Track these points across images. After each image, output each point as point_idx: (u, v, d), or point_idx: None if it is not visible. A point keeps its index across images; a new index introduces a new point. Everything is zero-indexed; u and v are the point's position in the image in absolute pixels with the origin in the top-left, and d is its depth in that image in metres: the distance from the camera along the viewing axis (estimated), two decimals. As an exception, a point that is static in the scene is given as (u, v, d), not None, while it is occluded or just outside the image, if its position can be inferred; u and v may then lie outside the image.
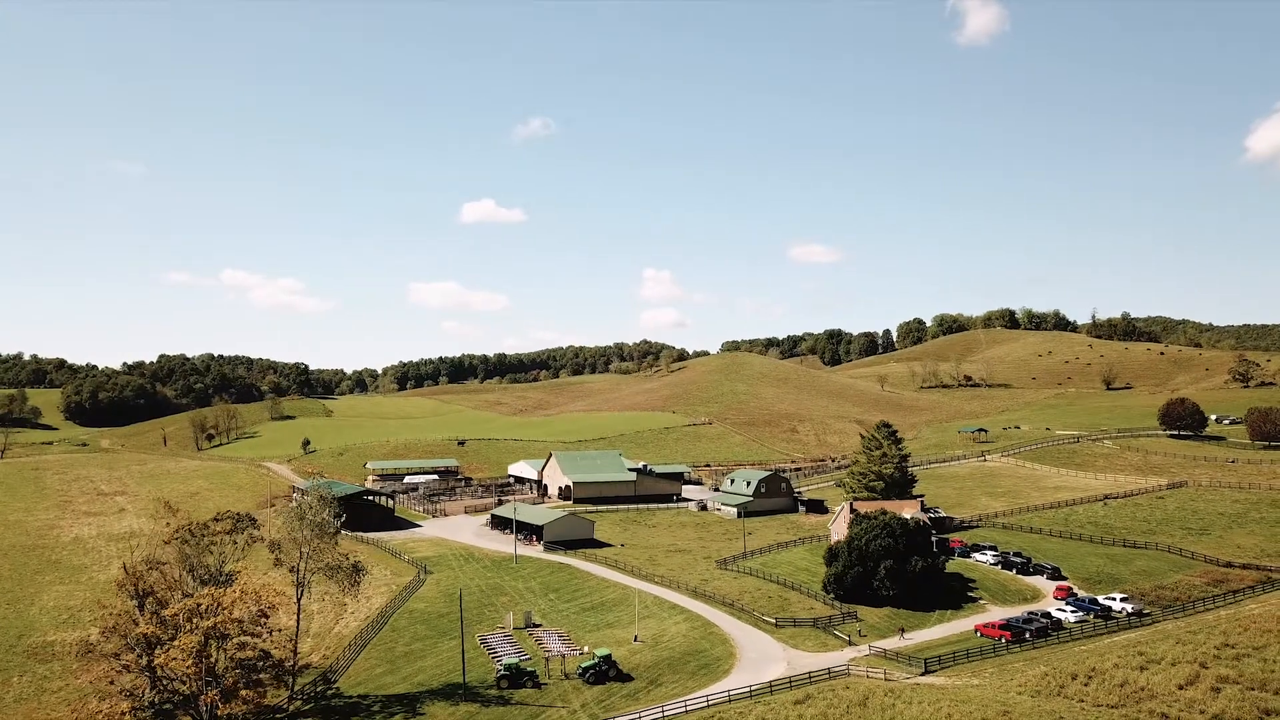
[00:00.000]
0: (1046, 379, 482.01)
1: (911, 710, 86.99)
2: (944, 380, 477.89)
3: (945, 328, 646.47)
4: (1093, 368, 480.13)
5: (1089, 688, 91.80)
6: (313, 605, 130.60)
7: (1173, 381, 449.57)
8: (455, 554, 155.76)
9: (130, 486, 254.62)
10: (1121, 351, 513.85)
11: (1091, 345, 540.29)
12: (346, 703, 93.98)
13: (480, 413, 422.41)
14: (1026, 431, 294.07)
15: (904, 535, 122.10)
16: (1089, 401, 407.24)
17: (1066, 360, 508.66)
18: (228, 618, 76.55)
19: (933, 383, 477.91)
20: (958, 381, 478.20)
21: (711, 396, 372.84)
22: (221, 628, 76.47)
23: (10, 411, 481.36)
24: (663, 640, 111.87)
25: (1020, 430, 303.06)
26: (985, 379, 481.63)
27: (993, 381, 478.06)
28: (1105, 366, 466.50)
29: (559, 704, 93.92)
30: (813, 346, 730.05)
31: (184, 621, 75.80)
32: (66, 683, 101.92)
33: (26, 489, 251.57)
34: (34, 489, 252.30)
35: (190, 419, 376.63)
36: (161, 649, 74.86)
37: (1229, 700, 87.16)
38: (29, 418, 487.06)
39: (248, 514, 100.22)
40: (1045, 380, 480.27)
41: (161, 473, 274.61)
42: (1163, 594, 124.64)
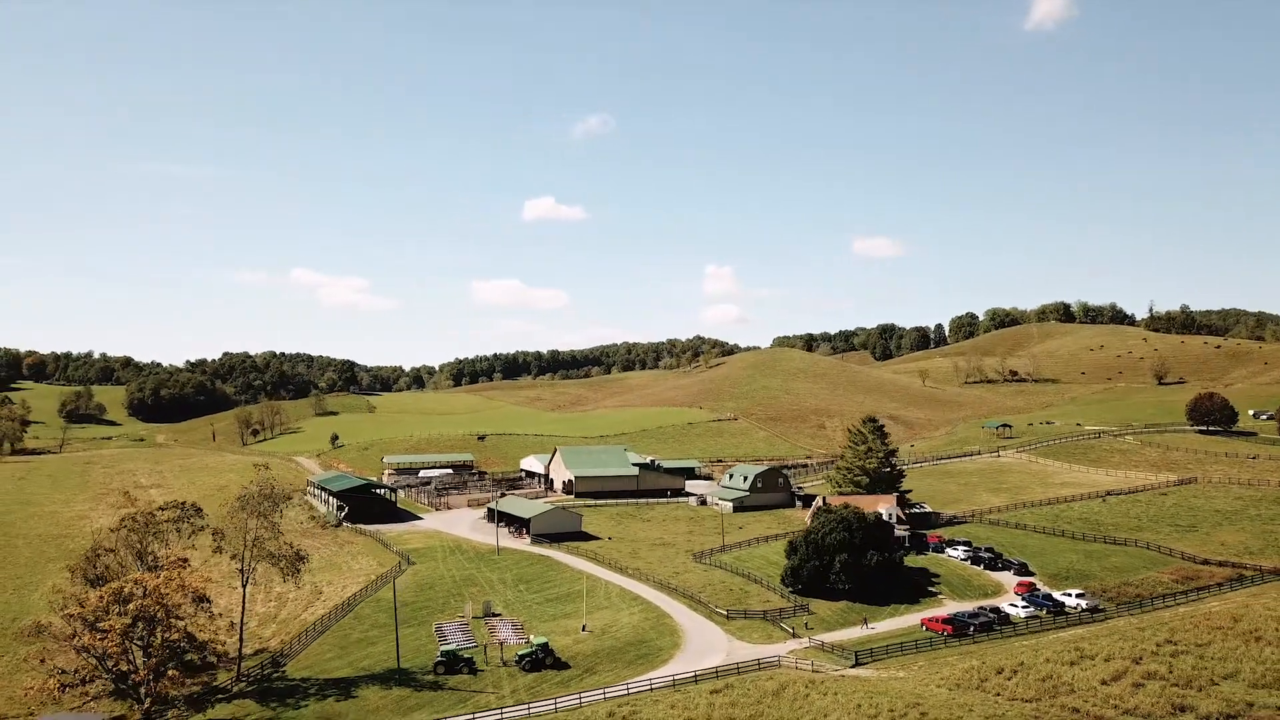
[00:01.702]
0: (1096, 374, 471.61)
1: (824, 701, 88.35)
2: (988, 375, 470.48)
3: (997, 322, 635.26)
4: (1145, 362, 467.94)
5: (1011, 682, 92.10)
6: (290, 592, 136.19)
7: (1228, 376, 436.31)
8: (444, 546, 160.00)
9: (168, 480, 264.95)
10: (1177, 345, 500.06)
11: (1146, 339, 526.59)
12: (288, 685, 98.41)
13: (520, 408, 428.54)
14: (1056, 427, 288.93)
15: (861, 530, 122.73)
16: (1137, 397, 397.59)
17: (1118, 354, 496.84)
18: (154, 601, 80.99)
19: (977, 378, 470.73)
20: (1002, 376, 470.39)
21: (743, 392, 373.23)
22: (149, 611, 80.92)
23: (77, 407, 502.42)
24: (611, 630, 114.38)
25: (1052, 426, 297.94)
26: (1031, 374, 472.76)
27: (1039, 376, 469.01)
28: (1158, 361, 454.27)
29: (490, 689, 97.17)
30: (865, 341, 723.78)
31: (111, 604, 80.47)
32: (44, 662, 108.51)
33: (72, 481, 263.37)
34: (79, 481, 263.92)
35: (236, 415, 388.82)
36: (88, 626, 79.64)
37: (1148, 695, 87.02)
38: (94, 413, 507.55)
39: (193, 504, 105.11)
40: (1095, 375, 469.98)
41: (200, 467, 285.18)
42: (1126, 590, 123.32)
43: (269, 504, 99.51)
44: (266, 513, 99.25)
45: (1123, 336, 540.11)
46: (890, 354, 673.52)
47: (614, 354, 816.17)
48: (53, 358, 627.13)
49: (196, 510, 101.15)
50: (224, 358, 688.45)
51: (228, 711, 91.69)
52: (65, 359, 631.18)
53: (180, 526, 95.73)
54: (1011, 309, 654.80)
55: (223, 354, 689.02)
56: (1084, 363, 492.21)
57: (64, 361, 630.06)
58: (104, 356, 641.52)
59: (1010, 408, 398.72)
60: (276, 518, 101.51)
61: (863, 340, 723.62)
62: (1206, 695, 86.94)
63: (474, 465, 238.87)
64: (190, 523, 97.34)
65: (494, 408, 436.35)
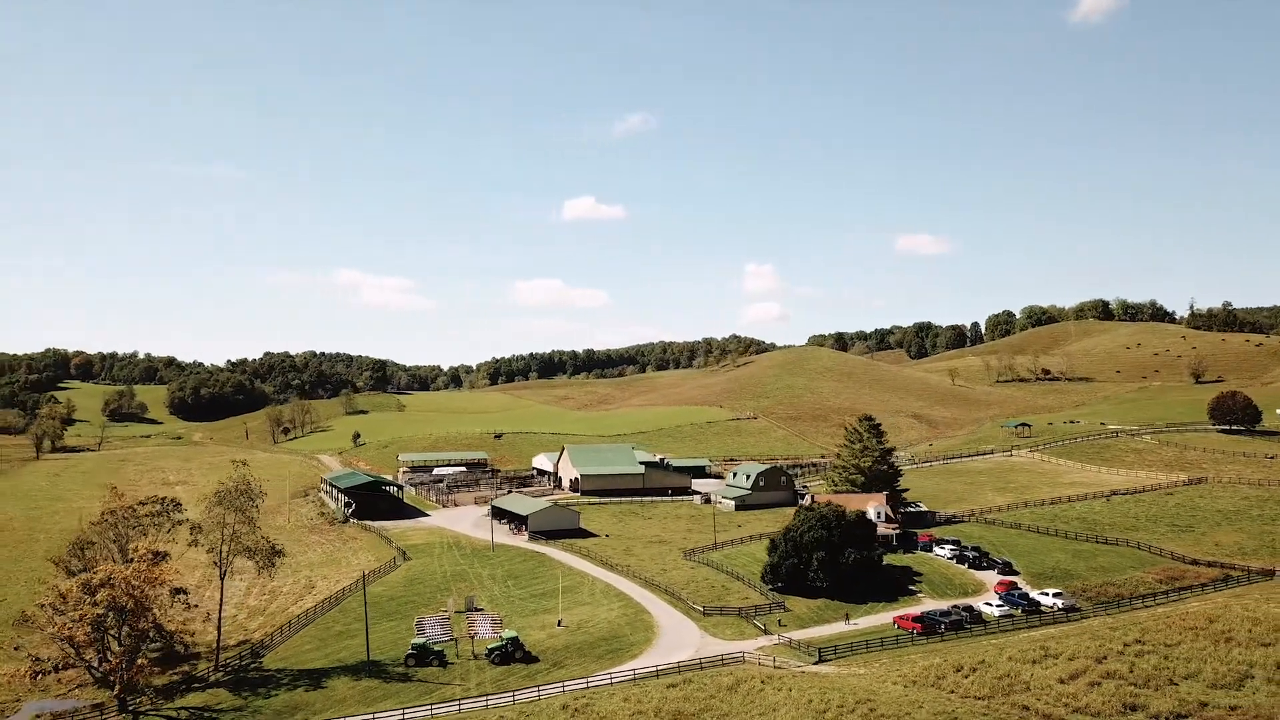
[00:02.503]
0: (1132, 372, 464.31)
1: (777, 696, 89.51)
2: (1020, 374, 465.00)
3: (1034, 320, 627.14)
4: (1182, 360, 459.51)
5: (967, 679, 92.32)
6: (283, 586, 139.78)
7: (1269, 374, 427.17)
8: (443, 542, 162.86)
9: (194, 477, 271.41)
10: (1217, 343, 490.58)
11: (1185, 337, 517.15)
12: (263, 675, 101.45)
13: (548, 407, 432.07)
14: (1079, 426, 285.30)
15: (839, 528, 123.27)
16: (1172, 396, 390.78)
17: (1156, 353, 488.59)
18: (124, 592, 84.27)
19: (1009, 376, 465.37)
20: (1035, 375, 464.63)
21: (767, 391, 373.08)
22: (119, 601, 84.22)
23: (119, 406, 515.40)
24: (587, 625, 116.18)
25: (1075, 425, 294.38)
26: (1065, 372, 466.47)
27: (1072, 375, 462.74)
28: (1195, 359, 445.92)
29: (457, 681, 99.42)
30: (901, 340, 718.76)
31: (82, 594, 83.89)
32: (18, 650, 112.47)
33: (103, 478, 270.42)
34: (110, 478, 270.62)
35: (268, 414, 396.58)
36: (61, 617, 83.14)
37: (1102, 694, 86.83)
38: (136, 412, 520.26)
39: (173, 499, 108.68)
40: (1130, 373, 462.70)
41: (226, 464, 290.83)
42: (1107, 590, 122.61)
43: (245, 499, 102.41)
44: (243, 508, 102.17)
45: (1160, 334, 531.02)
46: (925, 352, 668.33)
47: (649, 353, 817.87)
48: (99, 358, 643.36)
49: (176, 505, 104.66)
50: (265, 357, 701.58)
51: (200, 700, 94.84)
52: (111, 359, 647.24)
53: (159, 520, 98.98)
54: (1050, 307, 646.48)
55: (264, 354, 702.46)
56: (1119, 361, 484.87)
57: (109, 361, 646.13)
58: (148, 356, 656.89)
59: (1041, 406, 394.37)
60: (253, 512, 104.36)
61: (899, 339, 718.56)
62: (1161, 695, 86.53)
63: (488, 463, 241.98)
64: (169, 516, 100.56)
65: (523, 406, 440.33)
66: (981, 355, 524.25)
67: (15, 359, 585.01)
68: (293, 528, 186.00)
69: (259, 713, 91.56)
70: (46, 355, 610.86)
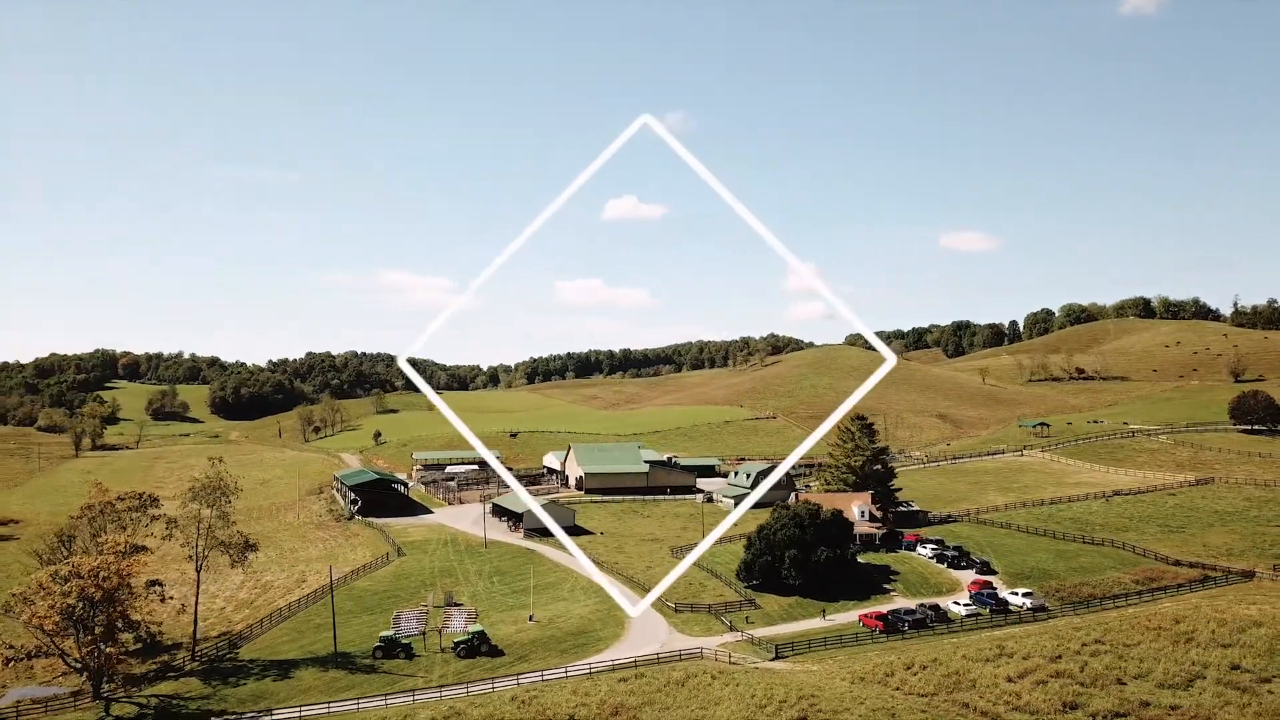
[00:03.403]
0: (1169, 371, 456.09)
1: (723, 691, 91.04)
2: (1054, 373, 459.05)
3: (1073, 318, 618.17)
4: (1222, 359, 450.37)
5: (915, 677, 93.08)
6: (276, 580, 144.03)
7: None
8: (441, 539, 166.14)
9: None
10: (1260, 341, 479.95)
11: (1226, 335, 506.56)
12: (236, 665, 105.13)
13: (575, 406, 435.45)
14: (1101, 426, 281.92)
15: (812, 526, 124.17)
16: (1209, 395, 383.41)
17: (1195, 351, 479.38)
18: (92, 583, 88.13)
19: (1042, 375, 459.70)
20: (1068, 374, 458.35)
21: (790, 390, 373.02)
22: (87, 591, 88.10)
23: (162, 406, 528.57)
24: (558, 621, 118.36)
25: (1099, 425, 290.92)
26: (1099, 371, 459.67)
27: (1108, 374, 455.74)
28: (1236, 358, 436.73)
29: (420, 673, 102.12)
30: (938, 338, 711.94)
31: (51, 584, 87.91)
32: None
33: (135, 476, 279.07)
34: (141, 476, 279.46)
35: (299, 414, 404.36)
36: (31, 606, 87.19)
37: (1046, 692, 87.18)
38: (178, 411, 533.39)
39: (150, 494, 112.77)
40: (1167, 373, 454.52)
41: (254, 462, 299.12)
42: (1081, 590, 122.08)
43: (219, 495, 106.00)
44: (217, 502, 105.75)
45: (1201, 333, 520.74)
46: (962, 351, 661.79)
47: (686, 352, 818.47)
48: (145, 358, 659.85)
49: (154, 500, 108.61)
50: (306, 357, 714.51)
51: (171, 688, 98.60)
52: (156, 359, 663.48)
53: (135, 515, 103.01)
54: (1090, 305, 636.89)
55: (306, 353, 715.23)
56: (1157, 360, 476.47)
57: (155, 362, 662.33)
58: (192, 357, 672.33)
59: (1072, 406, 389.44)
60: (227, 507, 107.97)
61: (936, 337, 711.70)
62: (1106, 694, 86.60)
63: (500, 462, 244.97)
64: (146, 511, 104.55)
65: (551, 406, 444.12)
66: (1015, 354, 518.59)
67: (64, 359, 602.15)
68: (300, 524, 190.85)
69: (225, 701, 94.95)
70: (95, 355, 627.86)
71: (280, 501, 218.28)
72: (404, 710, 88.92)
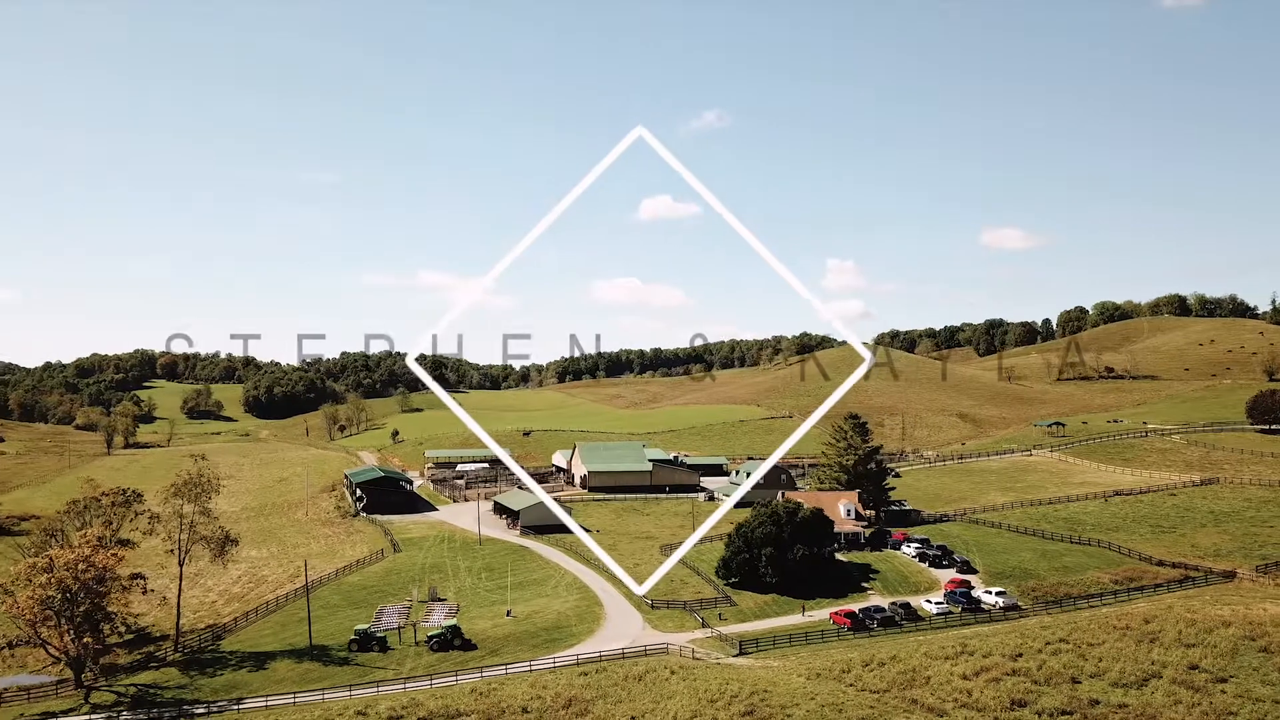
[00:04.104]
0: (1201, 370, 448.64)
1: (679, 686, 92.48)
2: (1082, 371, 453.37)
3: (1106, 316, 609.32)
4: (1257, 358, 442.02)
5: (871, 673, 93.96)
6: (271, 575, 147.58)
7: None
8: (439, 536, 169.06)
9: (244, 472, 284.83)
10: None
11: (1263, 333, 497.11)
12: (215, 657, 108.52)
13: (597, 405, 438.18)
14: (1121, 425, 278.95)
15: (789, 524, 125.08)
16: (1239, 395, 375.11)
17: (1229, 349, 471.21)
18: (67, 575, 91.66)
19: (1070, 374, 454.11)
20: (1098, 373, 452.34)
21: (810, 390, 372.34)
22: (64, 583, 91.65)
23: (197, 405, 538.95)
24: (534, 616, 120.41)
25: (1118, 424, 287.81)
26: (1129, 370, 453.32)
27: (1137, 373, 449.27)
28: (1271, 356, 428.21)
29: (392, 666, 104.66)
30: (971, 337, 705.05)
31: (31, 576, 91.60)
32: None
33: (161, 473, 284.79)
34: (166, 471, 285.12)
35: (324, 413, 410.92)
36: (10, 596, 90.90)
37: (997, 690, 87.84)
38: (212, 410, 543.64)
39: (134, 490, 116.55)
40: (1199, 371, 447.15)
41: (276, 460, 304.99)
42: (1058, 590, 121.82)
43: (200, 491, 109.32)
44: (198, 498, 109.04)
45: (1237, 330, 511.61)
46: (995, 349, 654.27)
47: (717, 351, 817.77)
48: (183, 358, 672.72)
49: (137, 496, 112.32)
50: (341, 357, 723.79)
51: (150, 678, 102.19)
52: (194, 359, 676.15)
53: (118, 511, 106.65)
54: (1125, 303, 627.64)
55: (341, 353, 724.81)
56: (1189, 358, 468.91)
57: (193, 361, 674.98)
58: (228, 357, 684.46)
59: (1098, 405, 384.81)
60: (208, 503, 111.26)
61: (968, 336, 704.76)
62: (1056, 692, 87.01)
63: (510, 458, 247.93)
64: (131, 507, 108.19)
65: (573, 405, 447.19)
66: (1043, 353, 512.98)
67: (104, 359, 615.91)
68: (308, 520, 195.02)
69: (199, 691, 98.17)
70: (134, 356, 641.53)
71: (294, 498, 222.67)
72: (366, 701, 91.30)
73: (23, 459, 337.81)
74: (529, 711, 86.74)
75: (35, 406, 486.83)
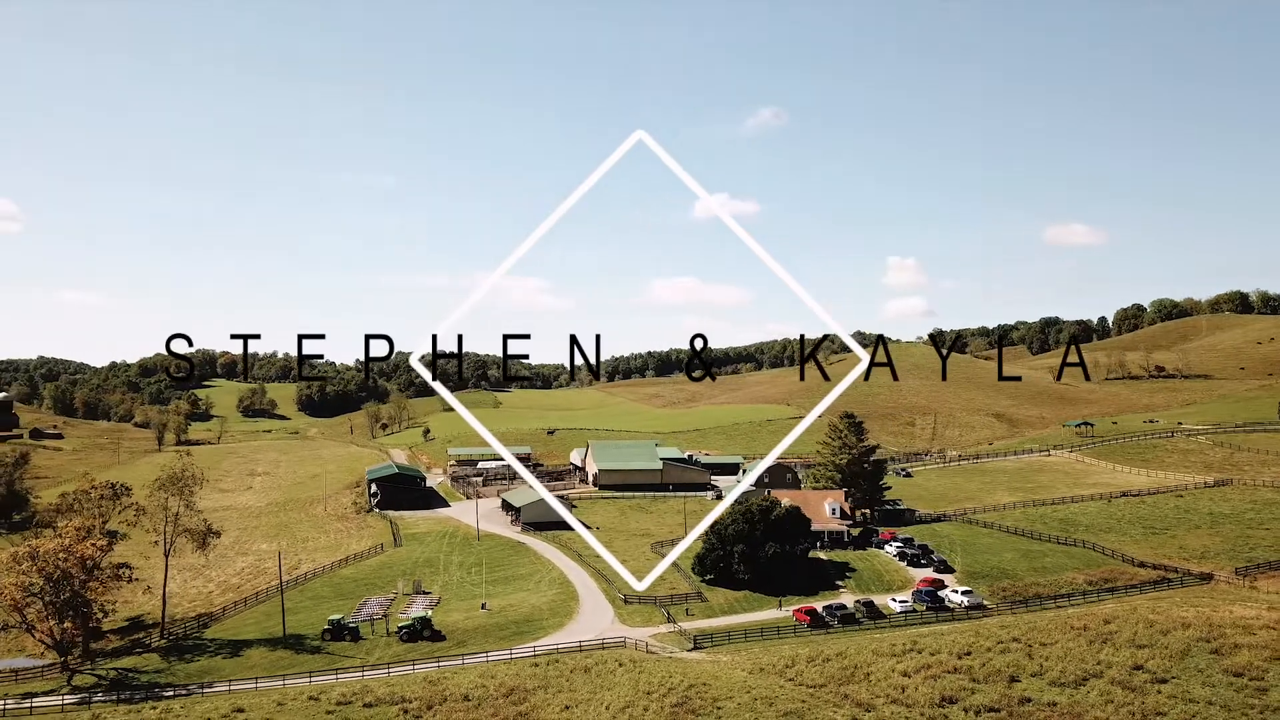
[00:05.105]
0: (1258, 369, 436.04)
1: (622, 678, 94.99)
2: (1132, 371, 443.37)
3: (1164, 313, 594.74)
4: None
5: (814, 669, 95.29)
6: (271, 567, 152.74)
7: None
8: (442, 531, 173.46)
9: (280, 468, 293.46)
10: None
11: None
12: (197, 644, 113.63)
13: (636, 405, 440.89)
14: (1156, 425, 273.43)
15: (761, 522, 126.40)
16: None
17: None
18: (50, 563, 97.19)
19: (1119, 374, 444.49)
20: (1147, 372, 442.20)
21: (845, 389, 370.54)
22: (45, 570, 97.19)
23: (252, 403, 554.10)
24: (509, 609, 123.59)
25: (1154, 424, 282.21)
26: (1182, 369, 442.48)
27: (1190, 372, 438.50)
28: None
29: (360, 655, 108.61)
30: (1024, 335, 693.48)
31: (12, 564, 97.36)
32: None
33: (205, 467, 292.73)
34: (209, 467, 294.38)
35: (367, 411, 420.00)
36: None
37: (932, 687, 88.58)
38: (267, 409, 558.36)
39: (123, 484, 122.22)
40: (1256, 370, 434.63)
41: (314, 457, 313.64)
42: (1030, 590, 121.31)
43: (184, 485, 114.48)
44: (182, 492, 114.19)
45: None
46: (1048, 348, 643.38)
47: (768, 350, 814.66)
48: (243, 357, 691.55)
49: (126, 490, 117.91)
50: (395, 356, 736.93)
51: (131, 663, 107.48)
52: (253, 359, 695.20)
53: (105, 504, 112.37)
54: (1184, 300, 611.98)
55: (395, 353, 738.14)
56: (1246, 357, 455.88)
57: (252, 361, 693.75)
58: (286, 356, 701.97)
59: (1145, 405, 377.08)
60: (192, 497, 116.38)
61: (1022, 334, 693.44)
62: (990, 689, 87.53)
63: (530, 458, 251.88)
64: (119, 500, 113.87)
65: (612, 404, 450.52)
66: (1093, 351, 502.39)
67: (167, 359, 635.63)
68: (325, 516, 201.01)
69: (174, 675, 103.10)
70: (195, 355, 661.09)
71: (319, 494, 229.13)
72: (322, 687, 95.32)
73: (78, 455, 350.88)
74: (470, 699, 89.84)
75: (99, 405, 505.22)
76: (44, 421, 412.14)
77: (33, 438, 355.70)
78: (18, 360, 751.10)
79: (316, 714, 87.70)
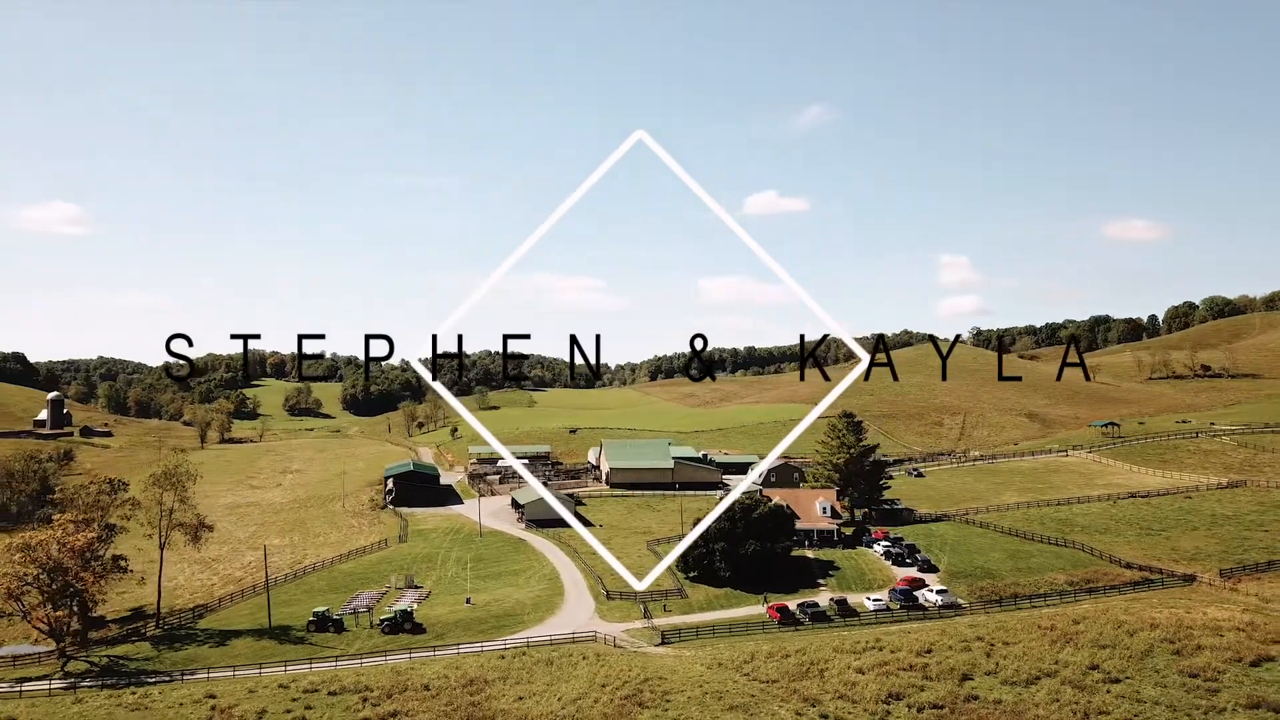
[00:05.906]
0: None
1: (582, 671, 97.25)
2: (1176, 370, 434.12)
3: (1215, 311, 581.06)
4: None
5: (772, 664, 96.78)
6: (281, 560, 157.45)
7: None
8: (449, 528, 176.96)
9: (311, 465, 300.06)
10: None
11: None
12: (188, 633, 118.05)
13: (668, 404, 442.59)
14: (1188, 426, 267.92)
15: (743, 520, 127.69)
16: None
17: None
18: (43, 554, 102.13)
19: (1163, 373, 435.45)
20: (1192, 371, 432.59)
21: (873, 388, 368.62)
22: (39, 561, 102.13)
23: (298, 402, 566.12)
24: (492, 604, 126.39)
25: (1185, 424, 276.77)
26: (1229, 369, 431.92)
27: (1237, 371, 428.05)
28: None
29: (342, 645, 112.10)
30: (1073, 334, 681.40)
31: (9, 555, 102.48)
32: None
33: (242, 465, 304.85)
34: (246, 465, 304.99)
35: (404, 410, 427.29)
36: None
37: (883, 684, 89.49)
38: (312, 408, 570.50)
39: (121, 480, 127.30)
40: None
41: (346, 454, 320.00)
42: (1008, 590, 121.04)
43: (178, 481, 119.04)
44: (176, 487, 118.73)
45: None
46: (1096, 347, 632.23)
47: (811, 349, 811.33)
48: (291, 358, 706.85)
49: (123, 485, 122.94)
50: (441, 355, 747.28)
51: (124, 650, 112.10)
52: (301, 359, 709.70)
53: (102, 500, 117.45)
54: (1238, 297, 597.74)
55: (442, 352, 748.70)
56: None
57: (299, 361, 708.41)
58: (333, 356, 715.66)
59: (1187, 405, 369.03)
60: (186, 493, 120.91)
61: (1070, 333, 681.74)
62: (939, 686, 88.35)
63: (549, 457, 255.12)
64: (116, 496, 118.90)
65: (646, 403, 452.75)
66: (1137, 350, 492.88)
67: (217, 359, 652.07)
68: (342, 512, 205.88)
69: (162, 663, 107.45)
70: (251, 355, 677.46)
71: (341, 491, 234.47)
72: (294, 676, 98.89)
73: (124, 452, 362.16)
74: (429, 689, 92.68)
75: (150, 403, 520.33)
76: (96, 420, 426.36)
77: (83, 435, 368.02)
78: (79, 360, 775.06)
79: (282, 700, 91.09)
